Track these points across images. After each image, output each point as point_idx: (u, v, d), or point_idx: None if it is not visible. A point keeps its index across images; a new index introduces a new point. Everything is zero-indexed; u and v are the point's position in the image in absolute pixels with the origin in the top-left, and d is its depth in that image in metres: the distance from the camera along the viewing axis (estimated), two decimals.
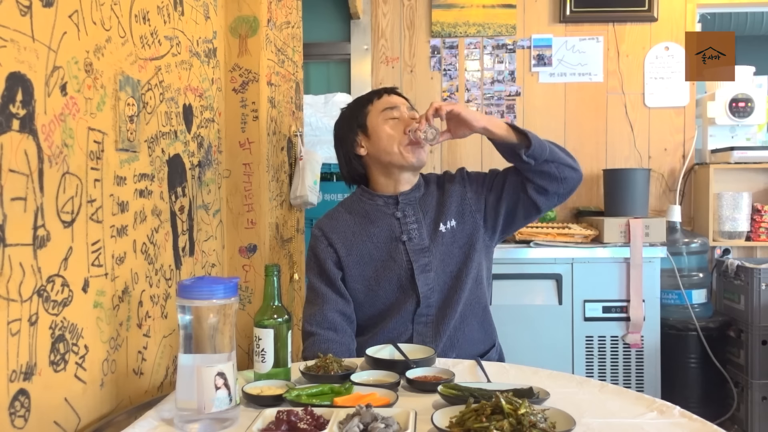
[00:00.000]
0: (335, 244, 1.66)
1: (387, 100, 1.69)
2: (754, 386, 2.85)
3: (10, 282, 0.91)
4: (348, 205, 1.73)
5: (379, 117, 1.67)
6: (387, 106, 1.68)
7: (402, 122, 1.65)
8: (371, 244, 1.65)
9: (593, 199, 3.32)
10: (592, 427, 1.03)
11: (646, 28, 3.31)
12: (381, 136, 1.66)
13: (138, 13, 1.31)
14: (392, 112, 1.67)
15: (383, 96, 1.70)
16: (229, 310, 1.07)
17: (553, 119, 3.32)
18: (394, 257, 1.63)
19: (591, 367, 2.79)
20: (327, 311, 1.63)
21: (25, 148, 0.94)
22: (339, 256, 1.65)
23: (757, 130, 3.24)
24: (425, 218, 1.67)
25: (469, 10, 3.33)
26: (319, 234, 1.69)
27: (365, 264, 1.64)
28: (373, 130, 1.67)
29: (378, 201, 1.69)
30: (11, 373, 0.91)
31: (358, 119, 1.70)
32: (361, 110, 1.70)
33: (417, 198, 1.69)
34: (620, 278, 2.76)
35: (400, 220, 1.66)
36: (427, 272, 1.62)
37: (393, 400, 1.11)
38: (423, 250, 1.63)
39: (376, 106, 1.69)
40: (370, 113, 1.69)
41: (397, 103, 1.68)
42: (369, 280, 1.64)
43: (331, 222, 1.70)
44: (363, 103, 1.71)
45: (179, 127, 1.52)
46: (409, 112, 1.69)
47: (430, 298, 1.62)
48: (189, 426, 1.03)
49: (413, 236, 1.64)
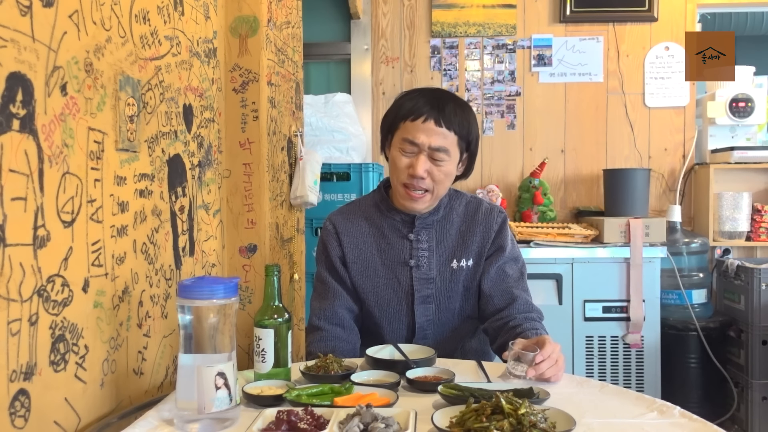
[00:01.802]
0: (345, 245, 1.62)
1: (413, 130, 1.51)
2: (754, 386, 2.85)
3: (10, 282, 0.90)
4: (366, 209, 1.66)
5: (397, 144, 1.55)
6: (408, 138, 1.51)
7: (410, 162, 1.52)
8: (379, 259, 1.61)
9: (593, 199, 3.32)
10: (592, 427, 1.03)
11: (646, 28, 3.31)
12: (391, 161, 1.57)
13: (138, 13, 1.31)
14: (407, 147, 1.52)
15: (417, 121, 1.50)
16: (229, 310, 1.07)
17: (553, 119, 3.32)
18: (399, 279, 1.59)
19: (591, 367, 2.79)
20: (337, 307, 1.60)
21: (25, 148, 0.94)
22: (346, 259, 1.61)
23: (757, 130, 3.24)
24: (438, 247, 1.60)
25: (469, 10, 3.33)
26: (331, 229, 1.64)
27: (368, 277, 1.61)
28: (391, 151, 1.58)
29: (396, 217, 1.61)
30: (11, 373, 0.91)
31: (391, 126, 1.58)
32: (397, 120, 1.56)
33: (434, 222, 1.61)
34: (620, 278, 2.76)
35: (412, 243, 1.59)
36: (427, 303, 1.58)
37: (393, 400, 1.11)
38: (428, 281, 1.58)
39: (404, 128, 1.53)
40: (399, 130, 1.55)
41: (418, 141, 1.50)
42: (367, 294, 1.61)
43: (345, 222, 1.64)
44: (402, 114, 1.54)
45: (179, 127, 1.52)
46: (430, 150, 1.50)
47: (426, 329, 1.59)
48: (189, 426, 1.03)
49: (421, 264, 1.58)
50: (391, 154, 1.58)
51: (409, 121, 1.52)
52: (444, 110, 1.51)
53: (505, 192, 3.28)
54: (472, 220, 1.63)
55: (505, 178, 3.34)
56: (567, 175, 3.35)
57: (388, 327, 1.61)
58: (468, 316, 1.63)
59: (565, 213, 3.34)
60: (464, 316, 1.63)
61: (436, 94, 1.56)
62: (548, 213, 3.13)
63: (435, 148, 1.50)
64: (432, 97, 1.53)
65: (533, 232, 2.83)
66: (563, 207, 3.34)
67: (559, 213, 3.31)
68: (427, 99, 1.53)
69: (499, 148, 3.34)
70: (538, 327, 1.49)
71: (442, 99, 1.53)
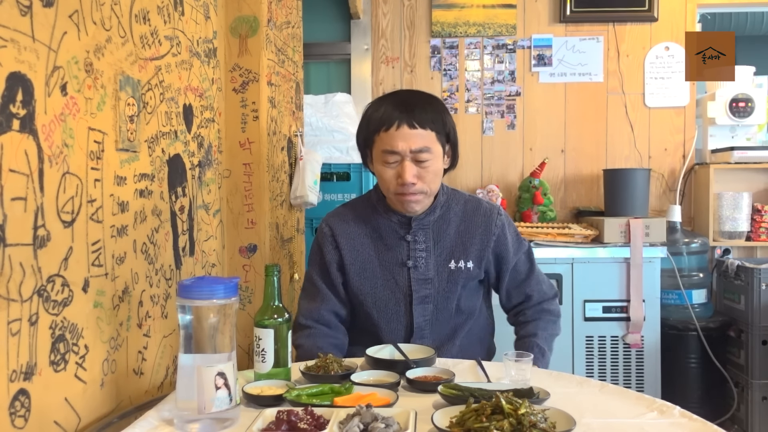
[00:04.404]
0: (342, 248, 1.61)
1: (390, 140, 1.50)
2: (754, 386, 2.85)
3: (10, 282, 0.90)
4: (362, 211, 1.65)
5: (379, 157, 1.54)
6: (387, 148, 1.51)
7: (396, 172, 1.52)
8: (377, 260, 1.61)
9: (593, 199, 3.32)
10: (592, 427, 1.03)
11: (646, 28, 3.31)
12: (378, 175, 1.57)
13: (138, 13, 1.31)
14: (389, 157, 1.51)
15: (390, 130, 1.49)
16: (229, 310, 1.07)
17: (553, 119, 3.32)
18: (396, 280, 1.59)
19: (591, 367, 2.79)
20: (323, 310, 1.61)
21: (25, 148, 0.94)
22: (344, 262, 1.61)
23: (757, 130, 3.24)
24: (436, 247, 1.60)
25: (469, 10, 3.33)
26: (327, 232, 1.64)
27: (366, 278, 1.61)
28: (374, 165, 1.58)
29: (392, 219, 1.61)
30: (11, 373, 0.91)
31: (368, 141, 1.57)
32: (370, 134, 1.55)
33: (431, 222, 1.60)
34: (620, 278, 2.76)
35: (409, 244, 1.59)
36: (425, 304, 1.59)
37: (393, 400, 1.11)
38: (426, 281, 1.59)
39: (380, 140, 1.52)
40: (375, 144, 1.54)
41: (398, 149, 1.49)
42: (366, 295, 1.61)
43: (342, 224, 1.64)
44: (374, 128, 1.54)
45: (179, 127, 1.52)
46: (412, 154, 1.49)
47: (424, 329, 1.60)
48: (189, 426, 1.03)
49: (419, 264, 1.59)
50: (375, 168, 1.57)
51: (383, 132, 1.51)
52: (413, 111, 1.50)
53: (505, 192, 3.28)
54: (471, 220, 1.63)
55: (505, 178, 3.34)
56: (567, 175, 3.35)
57: (386, 327, 1.61)
58: (466, 313, 1.64)
59: (565, 213, 3.34)
60: (462, 313, 1.64)
61: (401, 96, 1.56)
62: (548, 213, 3.13)
63: (417, 150, 1.49)
64: (398, 101, 1.52)
65: (533, 232, 2.83)
66: (563, 207, 3.34)
67: (559, 213, 3.31)
68: (393, 104, 1.52)
69: (499, 148, 3.34)
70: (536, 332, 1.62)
71: (409, 100, 1.53)
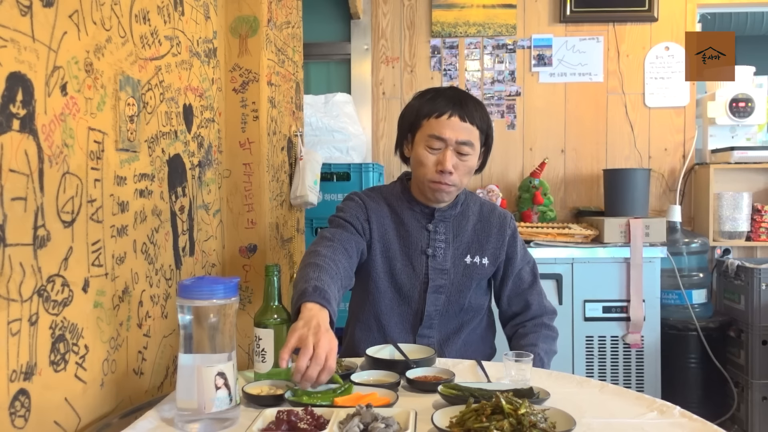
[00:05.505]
0: (372, 222, 1.63)
1: (439, 126, 1.55)
2: (754, 386, 2.85)
3: (10, 282, 0.90)
4: (387, 196, 1.69)
5: (422, 141, 1.58)
6: (435, 134, 1.55)
7: (437, 158, 1.56)
8: (398, 244, 1.63)
9: (593, 199, 3.32)
10: (592, 427, 1.03)
11: (646, 28, 3.31)
12: (416, 159, 1.60)
13: (138, 13, 1.31)
14: (434, 143, 1.55)
15: (442, 117, 1.55)
16: (229, 310, 1.07)
17: (554, 119, 3.32)
18: (414, 266, 1.63)
19: (591, 367, 2.79)
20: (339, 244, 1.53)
21: (25, 148, 0.94)
22: (372, 235, 1.62)
23: (757, 130, 3.24)
24: (455, 240, 1.65)
25: (469, 10, 3.33)
26: (360, 202, 1.65)
27: (387, 258, 1.63)
28: (414, 149, 1.61)
29: (416, 208, 1.65)
30: (11, 373, 0.91)
31: (413, 125, 1.61)
32: (419, 118, 1.60)
33: (452, 216, 1.66)
34: (620, 278, 2.76)
35: (430, 234, 1.64)
36: (439, 293, 1.62)
37: (393, 400, 1.11)
38: (443, 271, 1.63)
39: (429, 125, 1.57)
40: (423, 128, 1.58)
41: (445, 136, 1.54)
42: (383, 275, 1.63)
43: (371, 202, 1.66)
44: (423, 113, 1.59)
45: (179, 127, 1.52)
46: (456, 145, 1.55)
47: (433, 318, 1.63)
48: (189, 426, 1.03)
49: (438, 254, 1.63)
50: (414, 151, 1.61)
51: (434, 119, 1.57)
52: (466, 106, 1.57)
53: (505, 192, 3.28)
54: (487, 221, 1.69)
55: (505, 178, 3.34)
56: (567, 175, 3.35)
57: (398, 309, 1.64)
58: (474, 310, 1.68)
59: (565, 213, 3.34)
60: (471, 309, 1.67)
61: (454, 92, 1.62)
62: (548, 213, 3.13)
63: (461, 141, 1.55)
64: (452, 95, 1.60)
65: (533, 232, 2.83)
66: (563, 207, 3.34)
67: (559, 213, 3.31)
68: (447, 97, 1.59)
69: (499, 148, 3.33)
70: (536, 342, 1.63)
71: (462, 96, 1.61)
